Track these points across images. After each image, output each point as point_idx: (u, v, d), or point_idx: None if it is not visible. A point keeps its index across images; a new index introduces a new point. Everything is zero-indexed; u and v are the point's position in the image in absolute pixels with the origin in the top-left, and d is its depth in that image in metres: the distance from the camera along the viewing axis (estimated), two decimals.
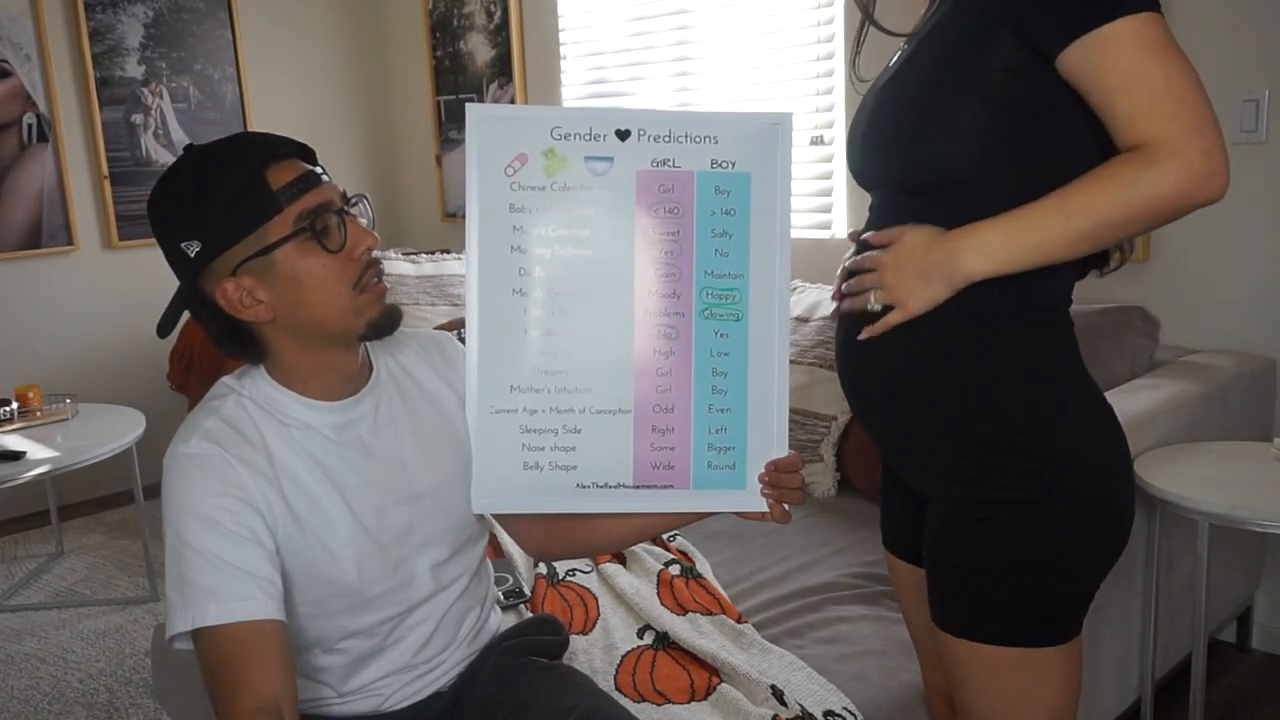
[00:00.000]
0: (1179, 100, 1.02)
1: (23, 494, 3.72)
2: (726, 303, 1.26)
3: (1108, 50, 1.04)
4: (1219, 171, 1.03)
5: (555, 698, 1.32)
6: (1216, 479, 1.94)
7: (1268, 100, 2.34)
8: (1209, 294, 2.47)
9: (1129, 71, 1.03)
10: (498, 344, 1.27)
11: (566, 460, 1.28)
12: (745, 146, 1.24)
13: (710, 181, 1.25)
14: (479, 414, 1.28)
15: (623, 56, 3.66)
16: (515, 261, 1.26)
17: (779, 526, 2.26)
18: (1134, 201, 1.04)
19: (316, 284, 1.18)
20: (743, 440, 1.28)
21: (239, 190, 1.15)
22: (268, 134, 1.22)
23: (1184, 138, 1.02)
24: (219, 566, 1.13)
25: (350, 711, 1.32)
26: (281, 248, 1.16)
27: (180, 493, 1.17)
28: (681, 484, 1.29)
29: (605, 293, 1.26)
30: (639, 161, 1.24)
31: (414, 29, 4.47)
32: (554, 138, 1.24)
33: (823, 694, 1.58)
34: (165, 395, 3.85)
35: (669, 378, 1.27)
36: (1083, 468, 1.16)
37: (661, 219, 1.25)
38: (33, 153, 3.78)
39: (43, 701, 2.54)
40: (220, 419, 1.21)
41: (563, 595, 1.92)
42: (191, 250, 1.16)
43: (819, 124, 3.09)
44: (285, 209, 1.16)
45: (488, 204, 1.25)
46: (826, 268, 2.96)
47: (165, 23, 4.05)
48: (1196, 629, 1.97)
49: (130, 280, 4.04)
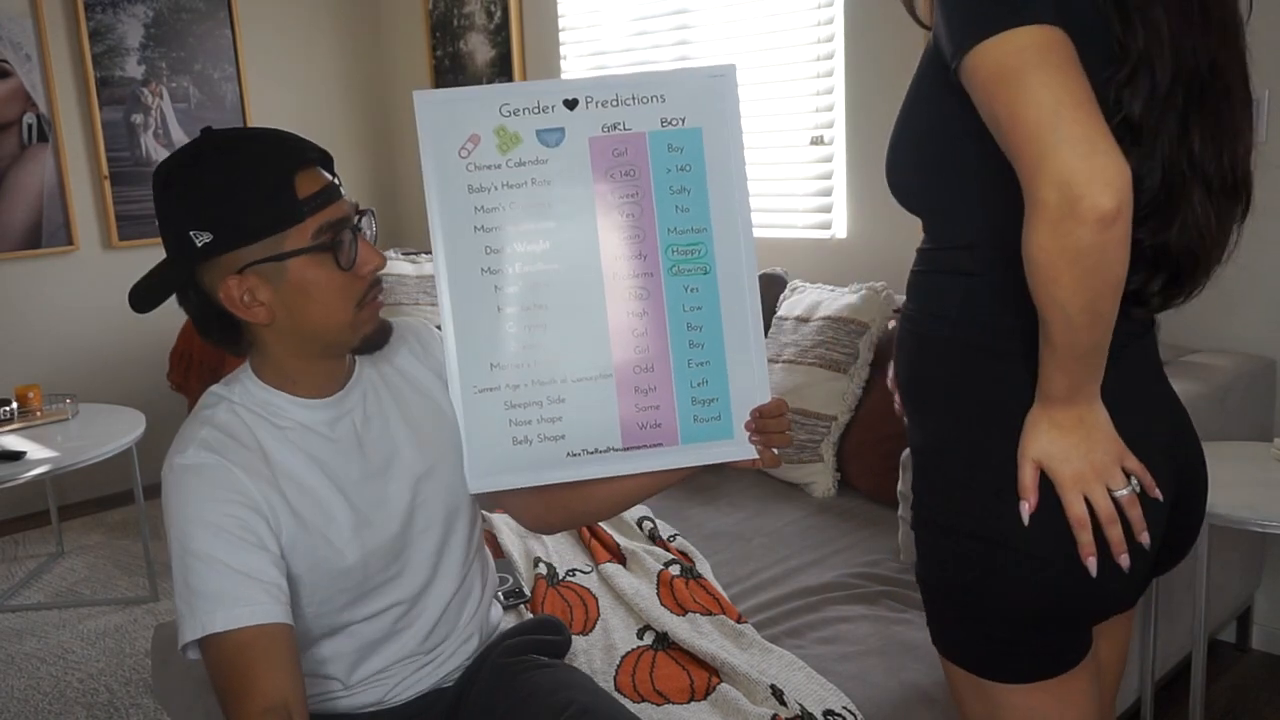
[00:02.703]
0: (1022, 137, 0.91)
1: (23, 494, 3.72)
2: (692, 257, 1.28)
3: (971, 85, 0.96)
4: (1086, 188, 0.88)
5: (553, 694, 1.33)
6: (1216, 479, 1.92)
7: (1267, 100, 2.34)
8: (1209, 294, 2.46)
9: (985, 109, 0.96)
10: (473, 324, 1.28)
11: (554, 431, 1.29)
12: (693, 102, 1.26)
13: (663, 140, 1.26)
14: (463, 395, 1.29)
15: (623, 57, 3.65)
16: (480, 241, 1.26)
17: (779, 526, 2.26)
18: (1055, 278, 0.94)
19: (322, 297, 1.19)
20: (725, 391, 1.29)
21: (266, 193, 1.15)
22: (296, 136, 1.21)
23: (1030, 181, 0.92)
24: (224, 573, 1.14)
25: (356, 704, 1.33)
26: (296, 257, 1.16)
27: (182, 503, 1.17)
28: (670, 441, 1.30)
29: (572, 262, 1.27)
30: (590, 129, 1.25)
31: (414, 29, 4.47)
32: (503, 115, 1.25)
33: (822, 694, 1.58)
34: (165, 395, 3.85)
35: (645, 338, 1.28)
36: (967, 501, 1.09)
37: (619, 182, 1.26)
38: (33, 153, 3.78)
39: (43, 701, 2.54)
40: (215, 427, 1.22)
41: (562, 595, 1.92)
42: (200, 240, 1.16)
43: (819, 124, 3.09)
44: (306, 220, 1.16)
45: (446, 188, 1.26)
46: (826, 268, 2.97)
47: (165, 23, 4.05)
48: (1196, 629, 1.97)
49: (130, 280, 3.98)
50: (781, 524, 2.28)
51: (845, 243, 3.09)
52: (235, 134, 1.21)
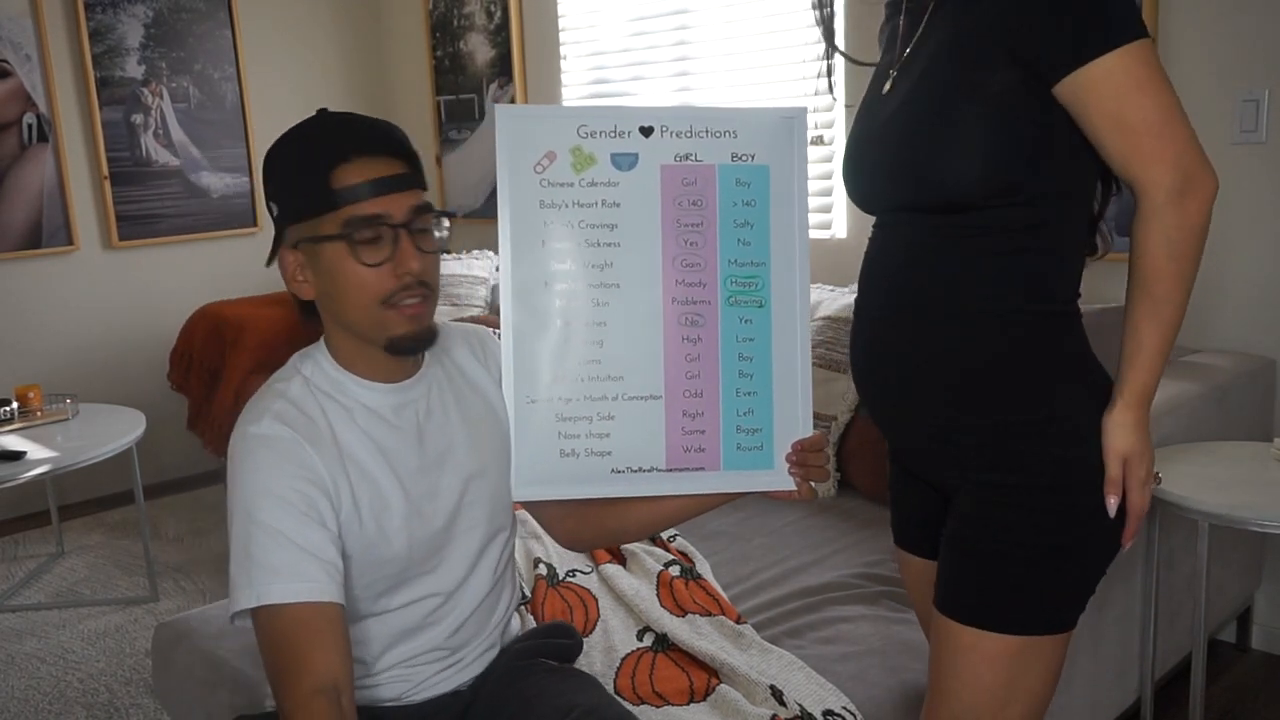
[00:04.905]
0: (1156, 138, 1.10)
1: (23, 494, 3.72)
2: (750, 290, 1.30)
3: (1091, 91, 1.10)
4: (1205, 180, 1.12)
5: (559, 696, 1.33)
6: (1216, 479, 1.94)
7: (1267, 100, 2.34)
8: (1209, 294, 2.47)
9: (1109, 113, 1.10)
10: (532, 336, 1.31)
11: (601, 446, 1.32)
12: (763, 140, 1.29)
13: (731, 174, 1.29)
14: (516, 404, 1.32)
15: (623, 56, 3.66)
16: (546, 256, 1.30)
17: (779, 526, 2.26)
18: (1185, 253, 1.13)
19: (348, 288, 1.21)
20: (769, 422, 1.32)
21: (307, 176, 1.19)
22: (376, 123, 1.24)
23: (1165, 176, 1.10)
24: (286, 546, 1.16)
25: (376, 697, 1.33)
26: (328, 243, 1.19)
27: (252, 471, 1.19)
28: (712, 466, 1.33)
29: (634, 284, 1.30)
30: (663, 156, 1.29)
31: (414, 29, 4.47)
32: (580, 135, 1.28)
33: (822, 694, 1.58)
34: (165, 395, 3.85)
35: (697, 363, 1.31)
36: (1100, 455, 1.20)
37: (686, 211, 1.29)
38: (33, 153, 3.78)
39: (43, 701, 2.54)
40: (288, 401, 1.24)
41: (563, 596, 1.92)
42: (272, 211, 1.25)
43: (819, 124, 3.09)
44: (339, 209, 1.18)
45: (518, 201, 1.29)
46: (826, 268, 2.97)
47: (165, 23, 4.05)
48: (1196, 629, 1.97)
49: (130, 280, 4.04)
50: (781, 524, 2.28)
51: (845, 243, 3.09)
52: (330, 116, 1.25)
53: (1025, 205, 1.17)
